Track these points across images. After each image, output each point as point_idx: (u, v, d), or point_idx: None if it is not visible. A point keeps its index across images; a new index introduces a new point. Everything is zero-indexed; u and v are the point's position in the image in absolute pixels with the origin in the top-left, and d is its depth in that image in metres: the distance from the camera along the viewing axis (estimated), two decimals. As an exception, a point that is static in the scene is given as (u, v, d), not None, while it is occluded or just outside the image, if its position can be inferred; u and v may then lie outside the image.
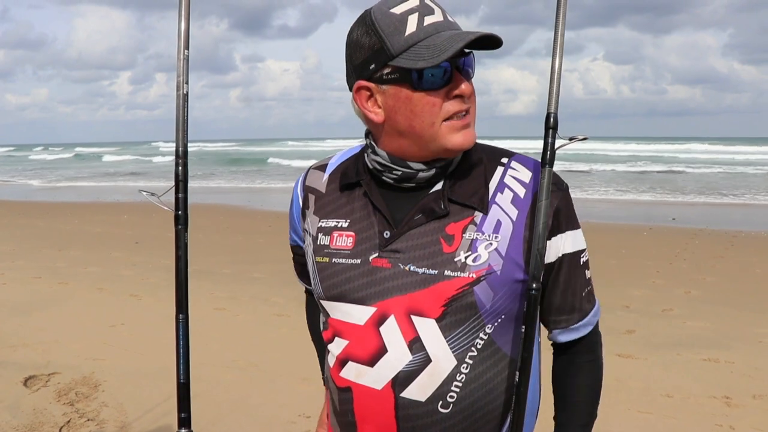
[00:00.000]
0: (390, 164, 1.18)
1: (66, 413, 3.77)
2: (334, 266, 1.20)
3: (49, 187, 23.28)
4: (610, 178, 24.49)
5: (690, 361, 4.60)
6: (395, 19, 1.09)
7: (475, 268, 1.11)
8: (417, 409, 1.13)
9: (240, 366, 4.59)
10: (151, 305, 6.26)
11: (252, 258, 8.65)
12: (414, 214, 1.16)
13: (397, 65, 1.09)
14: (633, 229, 11.19)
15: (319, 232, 1.25)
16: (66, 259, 8.71)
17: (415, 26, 1.08)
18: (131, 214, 13.39)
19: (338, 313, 1.20)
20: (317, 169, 1.34)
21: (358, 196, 1.23)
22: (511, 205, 1.16)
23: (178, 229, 1.30)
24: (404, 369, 1.12)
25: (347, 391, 1.19)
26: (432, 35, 1.08)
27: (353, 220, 1.21)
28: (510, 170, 1.21)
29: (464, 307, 1.11)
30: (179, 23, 1.31)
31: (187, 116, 1.32)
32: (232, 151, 61.48)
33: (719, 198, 17.25)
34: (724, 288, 6.96)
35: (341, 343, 1.20)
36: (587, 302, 1.25)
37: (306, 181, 1.33)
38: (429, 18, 1.09)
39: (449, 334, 1.12)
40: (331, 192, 1.27)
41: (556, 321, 1.24)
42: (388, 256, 1.15)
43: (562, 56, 1.17)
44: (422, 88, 1.09)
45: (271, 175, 28.33)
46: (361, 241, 1.19)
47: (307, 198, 1.31)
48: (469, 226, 1.14)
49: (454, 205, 1.16)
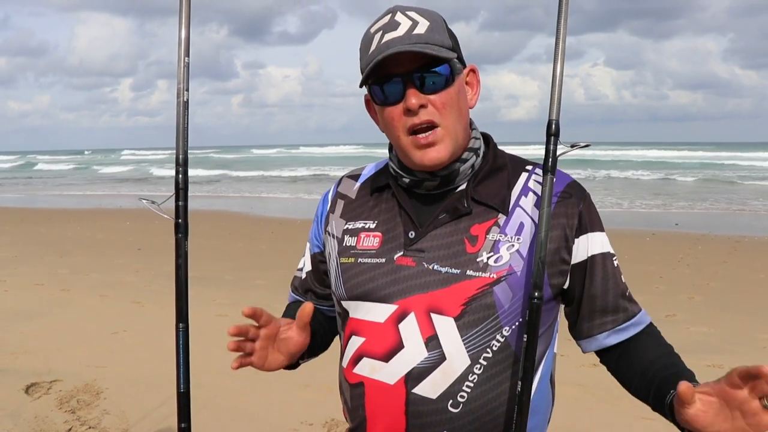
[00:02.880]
0: (400, 171, 1.24)
1: (67, 421, 3.76)
2: (359, 266, 1.22)
3: (51, 194, 23.30)
4: (612, 184, 24.46)
5: (694, 367, 4.53)
6: (368, 38, 1.18)
7: (496, 268, 1.14)
8: (427, 406, 1.13)
9: (241, 373, 4.55)
10: (154, 312, 6.25)
11: (254, 264, 8.64)
12: (438, 214, 1.20)
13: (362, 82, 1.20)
14: (636, 234, 11.15)
15: (345, 234, 1.28)
16: (68, 265, 8.70)
17: (374, 45, 1.16)
18: (133, 221, 13.39)
19: (359, 312, 1.21)
20: (350, 177, 1.38)
21: (386, 199, 1.27)
22: (535, 208, 1.19)
23: (178, 238, 1.28)
24: (418, 365, 1.13)
25: (359, 387, 1.20)
26: (382, 52, 1.14)
27: (380, 222, 1.25)
28: (534, 176, 1.24)
29: (483, 306, 1.13)
30: (179, 31, 1.30)
31: (188, 123, 1.31)
32: (234, 157, 61.53)
33: (722, 203, 17.20)
34: (728, 293, 6.94)
35: (357, 341, 1.21)
36: (630, 302, 1.24)
37: (339, 187, 1.38)
38: (388, 35, 1.15)
39: (466, 333, 1.13)
40: (361, 197, 1.32)
41: (602, 323, 1.23)
42: (413, 255, 1.18)
43: (564, 63, 1.17)
44: (379, 102, 1.19)
45: (274, 182, 28.34)
46: (387, 240, 1.22)
47: (335, 202, 1.35)
48: (492, 227, 1.17)
49: (478, 206, 1.19)
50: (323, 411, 3.85)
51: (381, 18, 1.18)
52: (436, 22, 1.18)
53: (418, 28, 1.15)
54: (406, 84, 1.14)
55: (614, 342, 1.23)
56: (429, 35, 1.15)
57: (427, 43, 1.13)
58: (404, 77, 1.14)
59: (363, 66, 1.18)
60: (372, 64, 1.13)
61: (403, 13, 1.17)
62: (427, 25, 1.16)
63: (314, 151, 70.70)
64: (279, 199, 19.94)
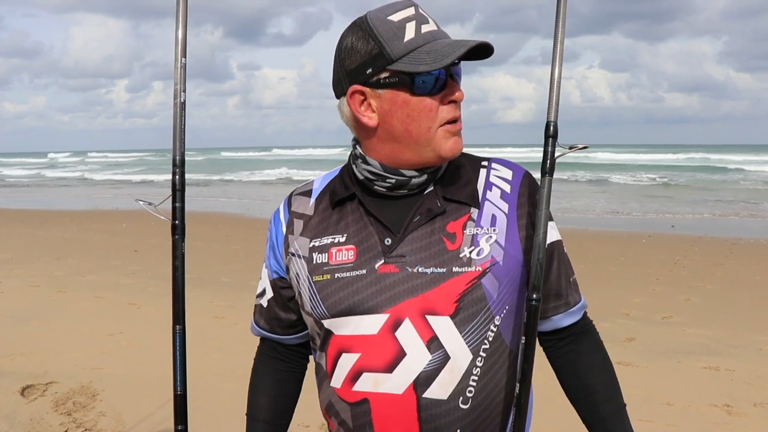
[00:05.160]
0: (383, 173, 1.19)
1: (63, 423, 3.74)
2: (338, 281, 1.18)
3: (47, 195, 23.24)
4: (608, 186, 24.50)
5: (690, 369, 4.58)
6: (393, 26, 1.13)
7: (480, 261, 1.15)
8: (439, 407, 1.13)
9: (239, 375, 4.56)
10: (150, 314, 6.23)
11: (251, 266, 8.62)
12: (412, 217, 1.18)
13: (396, 69, 1.12)
14: (632, 236, 11.18)
15: (312, 252, 1.22)
16: (64, 267, 8.68)
17: (413, 33, 1.12)
18: (130, 222, 13.37)
19: (346, 328, 1.17)
20: (301, 194, 1.32)
21: (350, 211, 1.23)
22: (501, 200, 1.22)
23: (175, 239, 1.28)
24: (425, 369, 1.12)
25: (363, 404, 1.17)
26: (430, 42, 1.12)
27: (350, 234, 1.21)
28: (492, 170, 1.27)
29: (475, 300, 1.14)
30: (176, 31, 1.29)
31: (185, 125, 1.31)
32: (231, 158, 61.49)
33: (719, 205, 17.25)
34: (724, 295, 6.95)
35: (350, 358, 1.17)
36: (576, 290, 1.29)
37: (291, 206, 1.31)
38: (425, 27, 1.14)
39: (464, 329, 1.13)
40: (321, 212, 1.26)
41: (557, 306, 1.25)
42: (395, 261, 1.16)
43: (562, 65, 1.17)
44: (420, 92, 1.13)
45: (270, 183, 28.31)
46: (363, 251, 1.18)
47: (291, 223, 1.29)
48: (467, 222, 1.18)
49: (450, 204, 1.20)
50: (320, 413, 3.83)
51: (402, 8, 1.15)
52: None
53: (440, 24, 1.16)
54: (448, 76, 1.14)
55: (568, 323, 1.27)
56: None
57: None
58: (447, 70, 1.13)
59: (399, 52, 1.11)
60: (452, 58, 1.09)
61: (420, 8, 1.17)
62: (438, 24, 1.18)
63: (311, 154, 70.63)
64: (275, 201, 19.92)
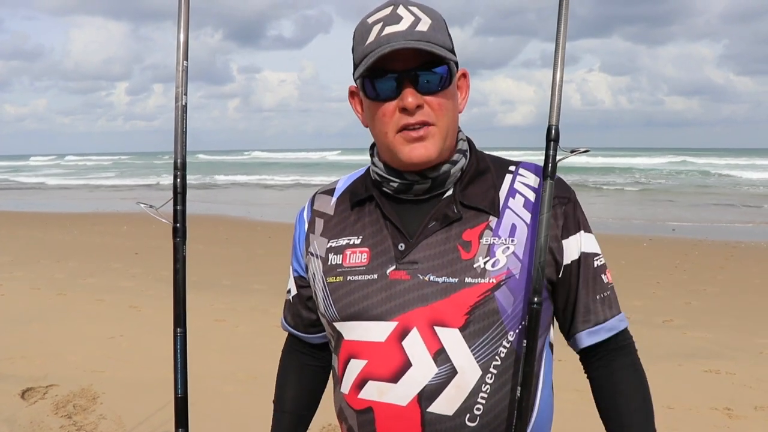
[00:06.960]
0: (386, 175, 1.18)
1: (63, 426, 3.74)
2: (349, 284, 1.16)
3: (47, 198, 23.24)
4: (609, 190, 24.48)
5: (691, 372, 4.57)
6: (364, 29, 1.13)
7: (495, 273, 1.11)
8: (444, 423, 1.09)
9: (239, 378, 4.56)
10: (151, 317, 6.23)
11: (252, 269, 8.62)
12: (427, 223, 1.15)
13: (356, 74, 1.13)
14: (632, 239, 11.16)
15: (329, 253, 1.22)
16: (65, 270, 8.67)
17: (373, 36, 1.10)
18: (130, 225, 13.35)
19: (354, 334, 1.16)
20: (324, 193, 1.32)
21: (368, 212, 1.21)
22: (524, 209, 1.16)
23: (177, 242, 1.28)
24: (430, 383, 1.09)
25: (368, 412, 1.14)
26: (382, 46, 1.08)
27: (365, 236, 1.19)
28: (518, 176, 1.21)
29: (487, 313, 1.09)
30: (178, 34, 1.29)
31: (186, 127, 1.31)
32: (231, 161, 61.49)
33: (719, 208, 17.23)
34: (725, 298, 6.94)
35: (358, 364, 1.15)
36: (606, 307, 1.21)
37: (314, 205, 1.31)
38: (389, 28, 1.09)
39: (473, 343, 1.09)
40: (341, 212, 1.25)
41: (583, 323, 1.19)
42: (406, 268, 1.13)
43: (563, 69, 1.16)
44: (372, 97, 1.13)
45: (271, 186, 28.31)
46: (376, 255, 1.16)
47: (313, 222, 1.29)
48: (485, 231, 1.14)
49: (468, 211, 1.15)
50: (319, 415, 3.81)
51: (381, 9, 1.13)
52: (437, 21, 1.13)
53: (420, 24, 1.10)
54: (402, 81, 1.09)
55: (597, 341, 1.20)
56: (431, 34, 1.10)
57: (429, 42, 1.08)
58: (401, 74, 1.09)
59: (357, 57, 1.12)
60: (373, 58, 1.07)
61: (405, 6, 1.12)
62: (429, 23, 1.11)
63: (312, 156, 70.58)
64: (276, 204, 19.91)
